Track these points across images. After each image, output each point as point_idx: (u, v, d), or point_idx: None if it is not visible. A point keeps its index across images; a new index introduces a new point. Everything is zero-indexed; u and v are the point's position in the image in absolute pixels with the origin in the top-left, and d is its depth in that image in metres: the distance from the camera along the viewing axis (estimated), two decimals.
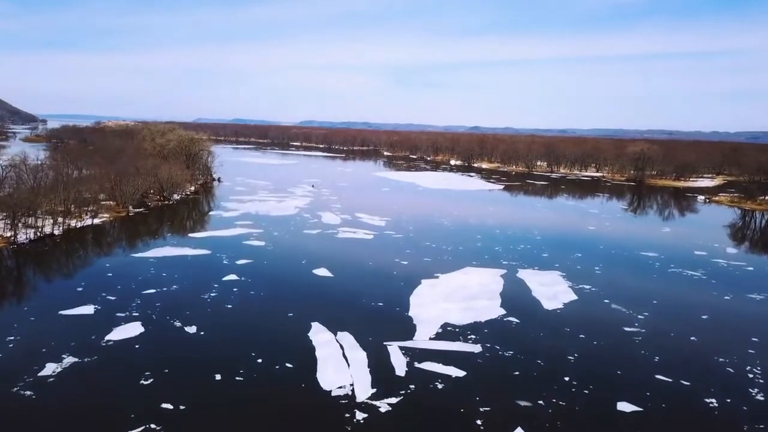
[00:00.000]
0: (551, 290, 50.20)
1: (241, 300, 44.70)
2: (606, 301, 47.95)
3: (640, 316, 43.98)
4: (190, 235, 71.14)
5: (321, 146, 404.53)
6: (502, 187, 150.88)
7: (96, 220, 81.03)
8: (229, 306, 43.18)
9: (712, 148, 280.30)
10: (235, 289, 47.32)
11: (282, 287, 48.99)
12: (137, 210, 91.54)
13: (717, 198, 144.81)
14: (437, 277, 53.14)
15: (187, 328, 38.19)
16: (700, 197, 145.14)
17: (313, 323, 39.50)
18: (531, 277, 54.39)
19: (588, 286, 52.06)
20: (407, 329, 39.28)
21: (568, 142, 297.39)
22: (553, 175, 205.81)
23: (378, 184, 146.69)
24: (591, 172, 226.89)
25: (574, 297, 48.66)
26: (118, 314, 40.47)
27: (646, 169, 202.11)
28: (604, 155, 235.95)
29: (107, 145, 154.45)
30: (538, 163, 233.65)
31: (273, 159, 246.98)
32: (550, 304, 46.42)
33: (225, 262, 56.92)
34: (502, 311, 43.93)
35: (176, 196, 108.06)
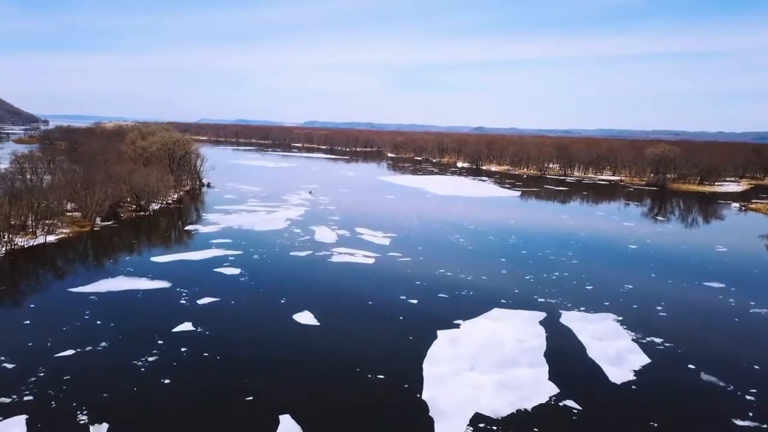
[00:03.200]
0: (611, 347, 37.36)
1: (186, 371, 32.00)
2: (691, 366, 35.05)
3: (748, 397, 31.12)
4: (153, 258, 58.61)
5: (323, 147, 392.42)
6: (518, 193, 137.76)
7: (51, 237, 68.72)
8: (167, 381, 30.47)
9: (731, 150, 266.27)
10: (183, 350, 34.64)
11: (247, 346, 36.17)
12: (105, 223, 79.22)
13: (753, 205, 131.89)
14: (458, 326, 40.36)
15: (93, 429, 25.59)
16: (734, 204, 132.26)
17: (281, 417, 26.83)
18: (580, 325, 41.57)
19: (658, 340, 39.17)
20: (421, 429, 26.57)
21: (581, 143, 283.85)
22: (568, 179, 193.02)
23: (382, 190, 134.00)
24: (607, 176, 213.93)
25: (645, 359, 35.82)
26: (2, 399, 27.93)
27: (667, 172, 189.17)
28: (621, 157, 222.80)
29: (88, 148, 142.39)
30: (549, 166, 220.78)
31: (272, 161, 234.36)
32: (616, 373, 33.59)
33: (183, 301, 44.28)
34: (554, 388, 31.13)
35: (155, 206, 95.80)
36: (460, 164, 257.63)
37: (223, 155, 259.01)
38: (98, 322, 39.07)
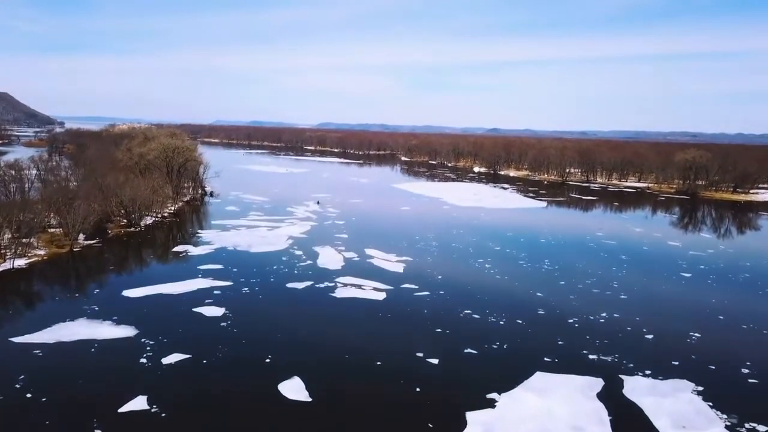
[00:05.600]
0: None
1: None
2: None
3: None
4: (126, 292, 49.74)
5: (336, 150, 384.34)
6: (544, 204, 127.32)
7: (22, 261, 60.53)
8: None
9: (764, 154, 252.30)
10: None
11: None
12: (89, 242, 71.02)
13: None
14: (492, 404, 30.86)
15: None
16: None
17: None
18: (651, 401, 31.86)
19: (762, 428, 29.43)
20: None
21: (603, 147, 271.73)
22: (592, 186, 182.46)
23: (396, 200, 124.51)
24: (632, 182, 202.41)
25: None
26: None
27: (698, 179, 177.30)
28: (648, 163, 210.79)
29: (82, 156, 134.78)
30: (570, 171, 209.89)
31: (282, 166, 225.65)
32: None
33: (144, 360, 35.31)
34: None
35: (149, 220, 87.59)
36: (476, 169, 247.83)
37: (232, 159, 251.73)
38: (28, 396, 30.26)
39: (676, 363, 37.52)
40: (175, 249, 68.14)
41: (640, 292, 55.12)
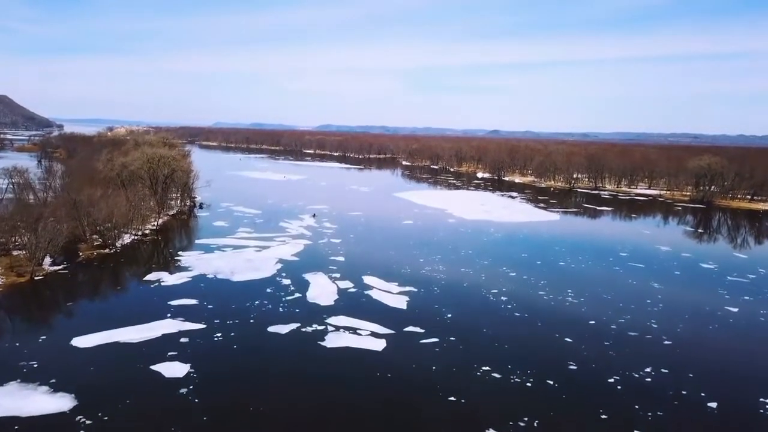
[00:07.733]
0: None
1: None
2: None
3: None
4: (77, 340, 41.48)
5: (336, 154, 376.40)
6: (556, 216, 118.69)
7: None
8: None
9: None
10: None
11: None
12: (55, 268, 63.09)
13: None
14: None
15: None
16: None
17: None
18: None
19: None
20: None
21: (611, 152, 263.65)
22: (602, 194, 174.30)
23: (398, 213, 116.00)
24: (642, 189, 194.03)
25: None
26: None
27: (712, 185, 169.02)
28: (659, 169, 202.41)
29: (68, 163, 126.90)
30: (577, 177, 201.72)
31: (280, 172, 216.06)
32: None
33: None
34: None
35: (127, 239, 79.60)
36: (480, 174, 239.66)
37: (228, 164, 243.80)
38: None
39: None
40: (148, 277, 59.97)
41: (684, 335, 46.86)
